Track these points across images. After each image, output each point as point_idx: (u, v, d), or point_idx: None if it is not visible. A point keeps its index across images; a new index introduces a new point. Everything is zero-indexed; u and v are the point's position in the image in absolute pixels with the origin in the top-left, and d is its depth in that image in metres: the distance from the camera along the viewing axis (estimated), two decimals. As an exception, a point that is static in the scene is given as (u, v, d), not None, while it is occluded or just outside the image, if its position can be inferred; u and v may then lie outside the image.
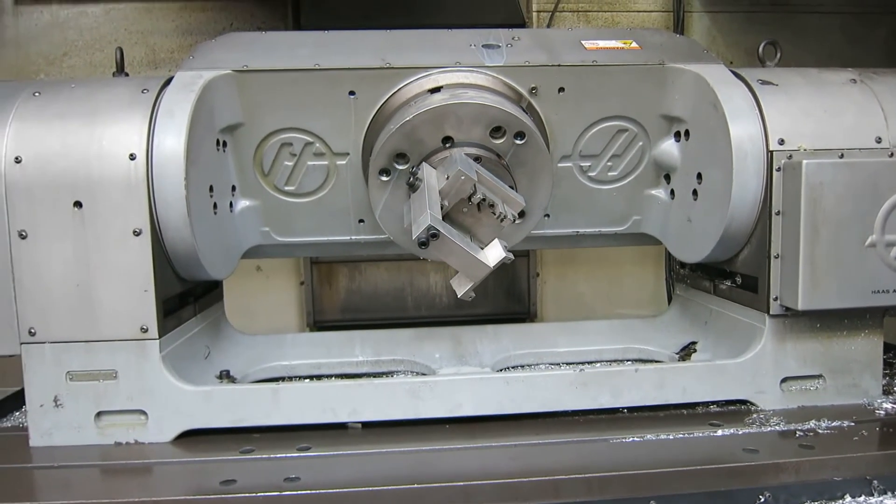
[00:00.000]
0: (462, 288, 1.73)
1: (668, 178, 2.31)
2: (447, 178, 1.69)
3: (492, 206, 1.74)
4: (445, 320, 3.47)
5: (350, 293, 3.64)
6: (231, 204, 2.18)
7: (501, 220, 1.74)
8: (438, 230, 1.55)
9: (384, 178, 1.93)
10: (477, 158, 1.87)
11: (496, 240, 1.73)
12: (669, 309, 2.64)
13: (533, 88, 2.14)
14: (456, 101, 1.90)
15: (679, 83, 2.15)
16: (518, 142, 1.95)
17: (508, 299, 3.71)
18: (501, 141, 1.95)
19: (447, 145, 1.92)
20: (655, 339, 2.47)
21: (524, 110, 2.02)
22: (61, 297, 1.84)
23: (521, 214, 1.95)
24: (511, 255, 1.72)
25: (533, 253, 3.68)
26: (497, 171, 1.90)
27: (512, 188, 1.86)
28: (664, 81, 2.17)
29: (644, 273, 3.69)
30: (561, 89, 2.15)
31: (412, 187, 1.74)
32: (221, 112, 2.05)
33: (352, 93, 2.10)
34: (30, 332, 1.85)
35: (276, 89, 2.08)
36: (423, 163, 1.86)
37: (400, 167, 1.92)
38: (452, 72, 2.11)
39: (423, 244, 1.55)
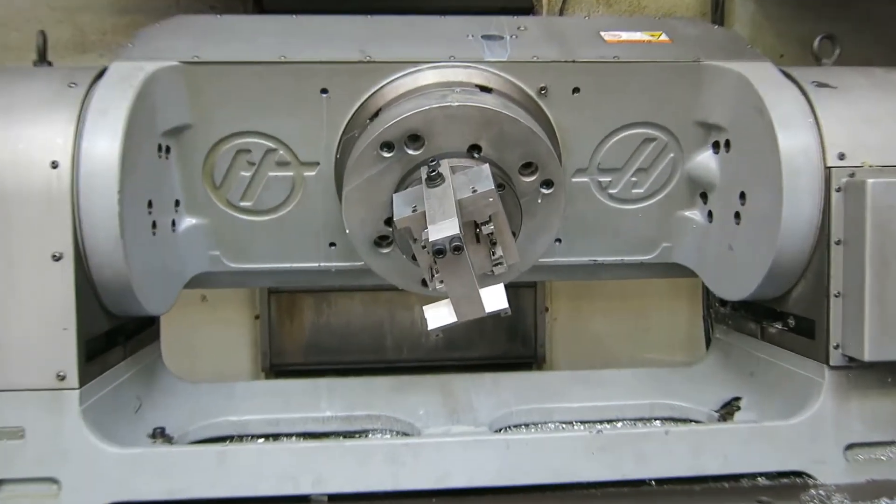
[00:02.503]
0: (438, 321, 1.75)
1: (704, 197, 2.35)
2: (472, 190, 1.75)
3: (493, 244, 1.78)
4: (433, 365, 3.45)
5: (316, 330, 3.63)
6: (174, 222, 2.19)
7: (495, 265, 1.79)
8: (463, 245, 1.59)
9: (385, 154, 1.94)
10: (500, 186, 1.91)
11: (501, 285, 1.76)
12: (707, 356, 2.65)
13: (542, 88, 2.18)
14: (510, 115, 1.95)
15: (718, 84, 2.19)
16: (544, 190, 2.02)
17: (510, 340, 3.70)
18: (529, 180, 2.00)
19: (476, 155, 1.97)
20: (690, 394, 2.48)
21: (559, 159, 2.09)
22: (-40, 336, 1.83)
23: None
24: (509, 310, 1.76)
25: (541, 284, 3.69)
26: (511, 211, 1.95)
27: (513, 235, 1.92)
28: (700, 82, 2.20)
29: (676, 311, 3.70)
30: (576, 90, 2.18)
31: (431, 180, 1.77)
32: (165, 111, 2.06)
33: (324, 91, 2.12)
34: (-80, 379, 1.84)
35: (233, 85, 2.10)
36: (445, 160, 1.91)
37: (410, 151, 1.95)
38: (446, 68, 2.14)
39: (439, 252, 1.58)
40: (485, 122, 1.94)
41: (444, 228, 1.62)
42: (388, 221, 2.01)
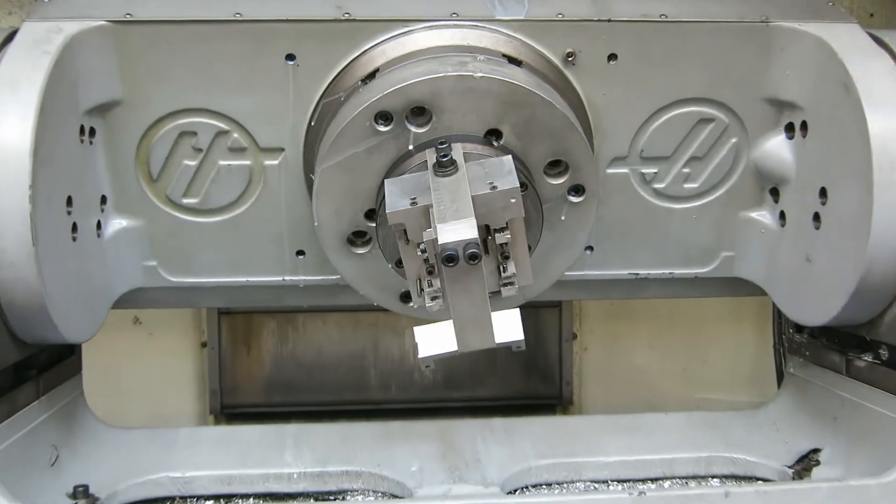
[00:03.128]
0: (432, 349, 1.75)
1: (775, 193, 2.37)
2: (491, 186, 1.77)
3: (506, 258, 1.79)
4: (429, 407, 3.46)
5: (279, 362, 3.63)
6: (99, 224, 2.21)
7: (504, 284, 1.79)
8: (479, 254, 1.60)
9: (380, 127, 1.96)
10: (522, 186, 1.91)
11: (516, 311, 1.78)
12: (778, 396, 2.66)
13: (569, 55, 2.20)
14: (545, 97, 1.98)
15: (792, 51, 2.21)
16: (571, 198, 2.06)
17: (528, 376, 3.70)
18: (555, 182, 2.04)
19: (494, 142, 1.99)
20: (757, 444, 2.49)
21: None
22: None
23: None
24: (524, 343, 1.78)
25: (567, 304, 3.69)
26: (531, 219, 1.97)
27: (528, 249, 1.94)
28: (769, 48, 2.23)
29: (740, 339, 3.69)
30: (612, 56, 2.21)
31: (442, 167, 1.78)
32: (90, 84, 2.08)
33: (290, 57, 2.14)
34: None
35: (175, 51, 2.12)
36: (458, 144, 1.93)
37: (413, 127, 1.97)
38: (446, 28, 2.16)
39: (449, 260, 1.58)
40: (512, 102, 1.96)
41: (458, 230, 1.63)
42: (371, 214, 2.04)
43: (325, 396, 3.61)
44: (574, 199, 2.06)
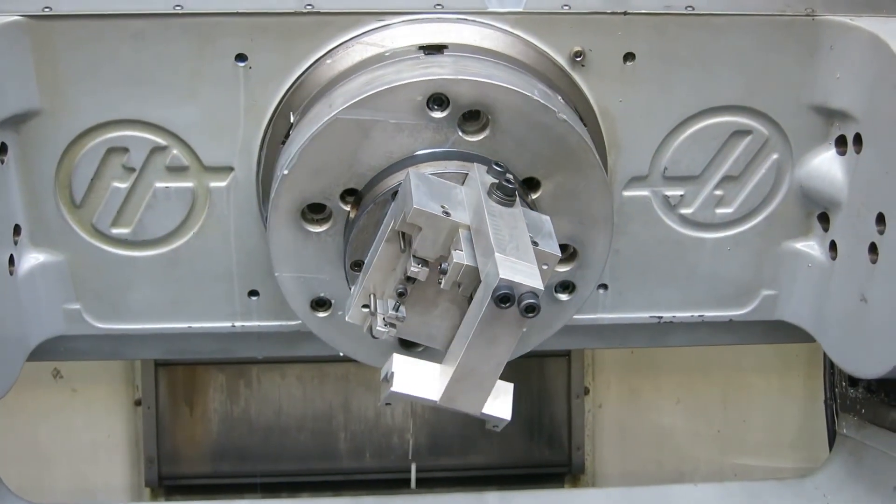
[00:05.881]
0: (408, 387, 1.76)
1: (824, 220, 2.37)
2: (532, 241, 1.79)
3: None
4: (410, 478, 3.45)
5: (229, 424, 3.62)
6: (12, 259, 2.19)
7: None
8: (538, 307, 1.63)
9: (432, 111, 1.96)
10: None
11: (511, 386, 1.82)
12: (830, 461, 2.66)
13: (577, 54, 2.20)
14: (605, 174, 2.04)
15: (843, 50, 2.21)
16: (557, 294, 2.13)
17: (531, 440, 3.70)
18: (557, 268, 2.05)
19: (532, 192, 2.02)
20: (804, 520, 2.49)
21: None
22: None
23: None
24: (501, 427, 1.82)
25: (577, 353, 3.69)
26: None
27: None
28: (816, 46, 2.23)
29: (783, 394, 3.70)
30: (629, 56, 2.21)
31: (504, 194, 1.80)
32: (1, 91, 2.07)
33: (241, 58, 2.15)
34: None
35: (102, 51, 2.12)
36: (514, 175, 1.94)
37: (461, 131, 1.98)
38: (429, 22, 2.16)
39: (503, 300, 1.59)
40: (572, 162, 2.01)
41: (525, 273, 1.65)
42: (348, 194, 2.03)
43: (284, 465, 3.60)
44: (560, 296, 2.12)
